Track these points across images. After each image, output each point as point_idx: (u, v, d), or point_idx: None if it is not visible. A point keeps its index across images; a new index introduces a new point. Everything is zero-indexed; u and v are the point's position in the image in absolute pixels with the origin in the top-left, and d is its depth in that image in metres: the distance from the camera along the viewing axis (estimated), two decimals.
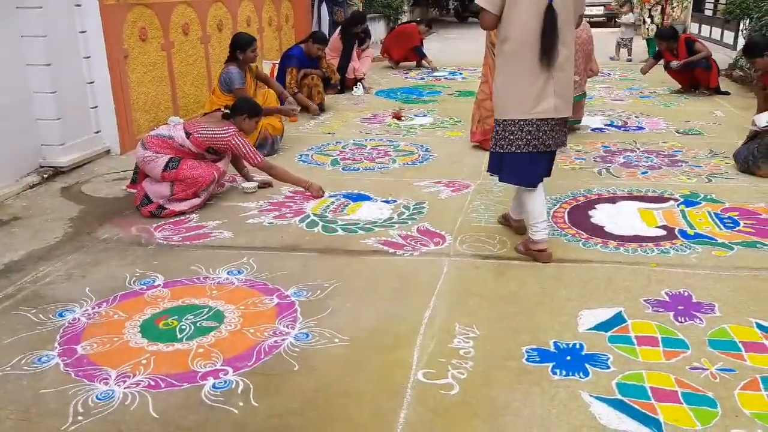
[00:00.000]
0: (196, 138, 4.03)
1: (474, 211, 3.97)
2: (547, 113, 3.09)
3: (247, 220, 3.90)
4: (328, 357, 2.48)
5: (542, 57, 2.99)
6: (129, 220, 3.95)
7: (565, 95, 3.11)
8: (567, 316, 2.74)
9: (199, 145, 4.02)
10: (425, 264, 3.26)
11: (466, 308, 2.82)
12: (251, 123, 4.25)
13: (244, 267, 3.26)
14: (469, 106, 6.52)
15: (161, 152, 3.97)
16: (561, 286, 3.01)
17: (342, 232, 3.68)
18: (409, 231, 3.67)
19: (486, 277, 3.11)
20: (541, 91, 3.07)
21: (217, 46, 6.82)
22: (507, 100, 3.11)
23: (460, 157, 5.14)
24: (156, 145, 4.01)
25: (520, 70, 3.05)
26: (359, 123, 6.50)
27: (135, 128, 5.47)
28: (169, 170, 3.93)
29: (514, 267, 3.22)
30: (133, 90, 5.48)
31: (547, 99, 3.08)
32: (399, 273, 3.17)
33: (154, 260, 3.37)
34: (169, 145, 4.00)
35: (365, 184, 4.54)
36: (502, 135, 3.16)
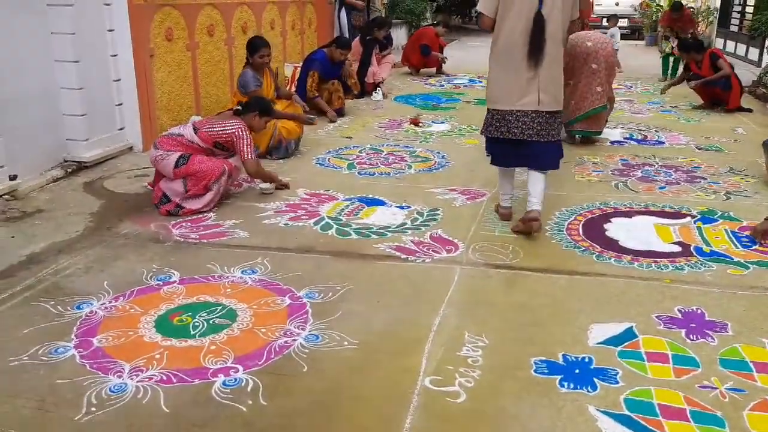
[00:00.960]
0: (203, 133, 4.08)
1: (488, 219, 3.97)
2: (529, 106, 3.56)
3: (263, 221, 3.93)
4: (337, 360, 2.49)
5: (530, 58, 3.43)
6: (148, 216, 3.99)
7: (551, 91, 3.53)
8: (577, 328, 2.73)
9: (206, 139, 4.07)
10: (437, 271, 3.27)
11: (476, 317, 2.82)
12: (261, 121, 4.29)
13: (258, 267, 3.29)
14: None
15: (172, 150, 4.02)
16: (573, 298, 3.00)
17: (355, 236, 3.70)
18: (422, 237, 3.68)
19: (497, 287, 3.11)
20: (527, 86, 3.52)
21: (240, 47, 6.88)
22: (496, 92, 3.61)
23: (476, 165, 5.14)
24: (167, 143, 4.06)
25: (509, 67, 3.50)
26: (377, 128, 6.52)
27: (158, 126, 5.53)
28: (179, 166, 3.98)
29: (526, 277, 3.21)
30: (158, 89, 5.54)
31: (531, 94, 3.54)
32: (410, 279, 3.18)
33: (171, 257, 3.41)
34: (179, 142, 4.05)
35: (380, 188, 4.56)
36: (489, 121, 3.67)
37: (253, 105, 4.30)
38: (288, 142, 5.35)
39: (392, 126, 6.62)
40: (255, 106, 4.29)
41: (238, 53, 6.82)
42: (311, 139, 5.96)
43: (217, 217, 3.99)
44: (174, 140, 4.05)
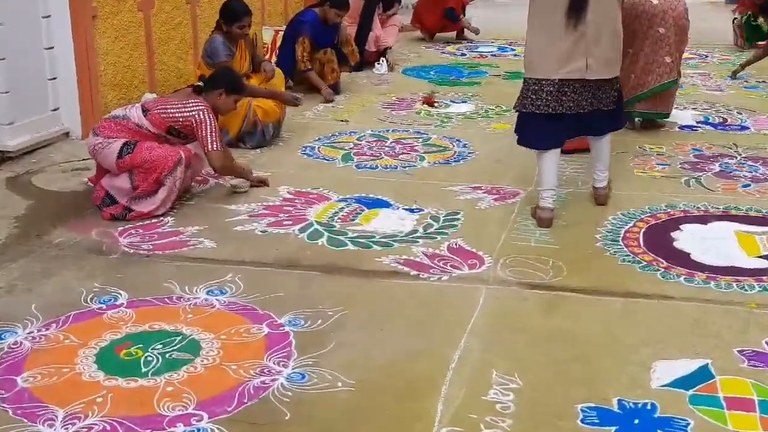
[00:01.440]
0: (155, 115, 4.09)
1: (522, 226, 3.97)
2: (574, 73, 3.73)
3: (234, 227, 3.94)
4: (328, 404, 2.49)
5: (569, 15, 3.59)
6: (89, 221, 4.01)
7: (602, 54, 3.69)
8: (637, 366, 2.72)
9: (158, 123, 4.09)
10: (457, 292, 3.27)
11: (506, 350, 2.82)
12: (228, 101, 4.31)
13: (228, 286, 3.29)
14: None
15: (114, 136, 4.04)
16: (631, 327, 2.99)
17: (352, 247, 3.70)
18: (437, 249, 3.68)
19: (534, 311, 3.11)
20: (572, 50, 3.70)
21: (207, 7, 6.90)
22: (534, 57, 3.79)
23: (507, 156, 5.13)
24: (108, 129, 4.08)
25: (549, 28, 3.67)
26: (380, 108, 6.51)
27: (101, 106, 5.55)
28: (123, 156, 4.00)
29: (570, 300, 3.21)
30: (102, 59, 5.57)
31: (577, 59, 3.72)
32: (423, 301, 3.18)
33: (117, 273, 3.42)
34: (124, 126, 4.07)
35: (384, 186, 4.55)
36: (525, 93, 3.86)
37: (219, 80, 4.32)
38: (265, 125, 5.37)
39: (400, 106, 6.62)
40: (221, 81, 4.31)
41: (203, 13, 6.84)
42: (296, 123, 5.97)
43: (176, 221, 4.00)
44: (118, 124, 4.07)
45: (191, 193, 4.40)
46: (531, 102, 3.86)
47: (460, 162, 5.07)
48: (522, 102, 3.91)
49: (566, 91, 3.79)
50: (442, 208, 4.20)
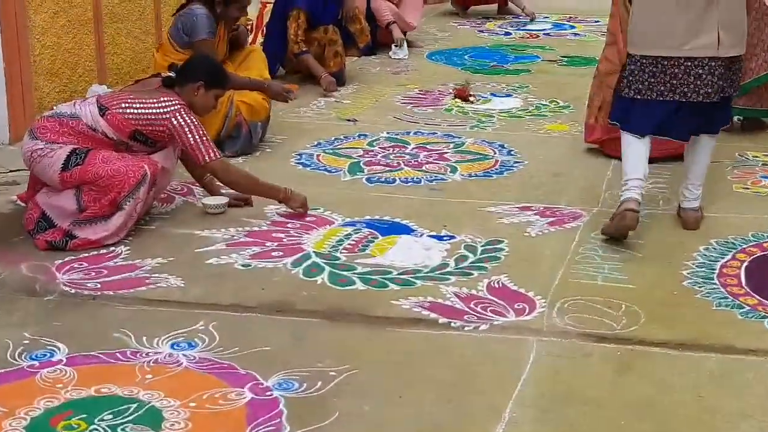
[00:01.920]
0: (115, 115, 4.09)
1: (586, 259, 3.96)
2: (705, 50, 3.91)
3: (207, 260, 3.94)
4: None
5: None
6: (18, 251, 4.01)
7: (735, 26, 3.84)
8: None
9: (120, 126, 4.10)
10: (499, 345, 3.25)
11: (567, 423, 2.80)
12: (207, 97, 4.32)
13: (199, 337, 3.29)
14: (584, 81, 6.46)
15: (60, 141, 4.05)
16: (729, 393, 2.97)
17: (362, 285, 3.69)
18: (473, 288, 3.67)
19: (603, 372, 3.09)
20: (700, 20, 3.86)
21: None
22: (648, 29, 3.97)
23: (566, 167, 5.13)
24: (52, 130, 4.08)
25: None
26: (398, 104, 6.52)
27: (35, 101, 5.59)
28: (70, 168, 4.00)
29: (649, 357, 3.19)
30: (36, 40, 5.61)
31: (707, 32, 3.88)
32: (454, 359, 3.16)
33: (54, 320, 3.42)
34: (72, 129, 4.08)
35: (403, 206, 4.55)
36: (637, 75, 4.05)
37: (196, 70, 4.34)
38: (252, 125, 5.39)
39: (424, 101, 6.64)
40: (199, 71, 4.32)
41: None
42: (288, 123, 5.99)
43: (132, 252, 4.01)
44: (64, 125, 4.09)
45: (151, 214, 4.41)
46: (649, 86, 4.03)
47: (503, 174, 5.07)
48: (630, 85, 4.08)
49: (698, 72, 3.96)
50: (480, 235, 4.18)
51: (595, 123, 5.26)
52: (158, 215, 4.43)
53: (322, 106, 6.50)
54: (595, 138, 5.30)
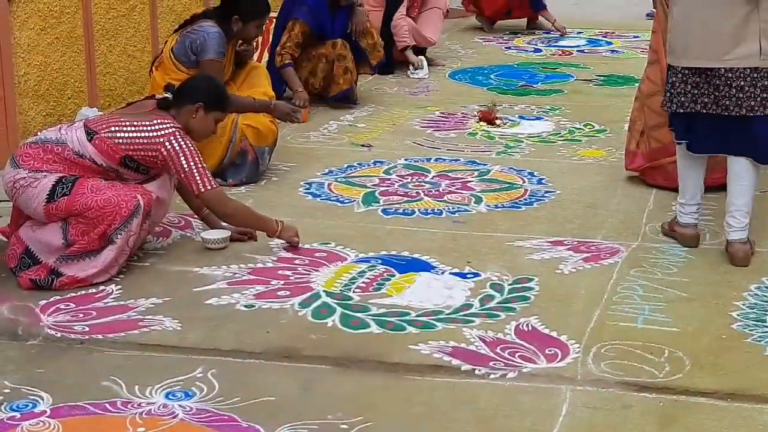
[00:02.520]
0: (104, 140, 4.11)
1: (624, 299, 3.95)
2: (747, 60, 4.00)
3: (206, 300, 3.94)
4: None
5: None
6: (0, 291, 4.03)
7: None
8: None
9: (109, 152, 4.11)
10: (528, 395, 3.24)
11: None
12: (207, 121, 4.33)
13: (196, 386, 3.29)
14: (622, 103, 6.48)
15: (45, 169, 4.07)
16: None
17: (377, 329, 3.69)
18: (500, 332, 3.66)
19: (644, 425, 3.07)
20: (739, 29, 3.97)
21: None
22: (686, 39, 4.09)
23: (603, 197, 5.13)
24: (35, 158, 4.10)
25: None
26: (417, 128, 6.55)
27: (20, 125, 5.63)
28: (56, 198, 4.01)
29: (695, 408, 3.17)
30: (21, 59, 5.67)
31: (748, 41, 3.98)
32: (479, 410, 3.15)
33: (37, 366, 3.42)
34: (58, 156, 4.10)
35: (423, 240, 4.56)
36: (678, 87, 4.17)
37: (194, 91, 4.35)
38: (259, 152, 5.41)
39: (446, 125, 6.66)
40: (198, 92, 4.34)
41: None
42: (296, 149, 6.02)
43: (124, 292, 4.02)
44: (49, 152, 4.12)
45: (145, 249, 4.43)
46: (692, 98, 4.15)
47: (533, 205, 5.07)
48: (672, 99, 4.21)
49: (740, 84, 4.06)
50: (508, 273, 4.18)
51: (637, 149, 5.26)
52: (153, 251, 4.44)
53: (334, 130, 6.52)
54: (637, 166, 5.29)
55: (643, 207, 4.97)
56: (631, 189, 5.28)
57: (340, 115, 6.82)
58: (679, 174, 4.47)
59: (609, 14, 11.08)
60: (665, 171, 5.11)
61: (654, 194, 5.09)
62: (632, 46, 9.34)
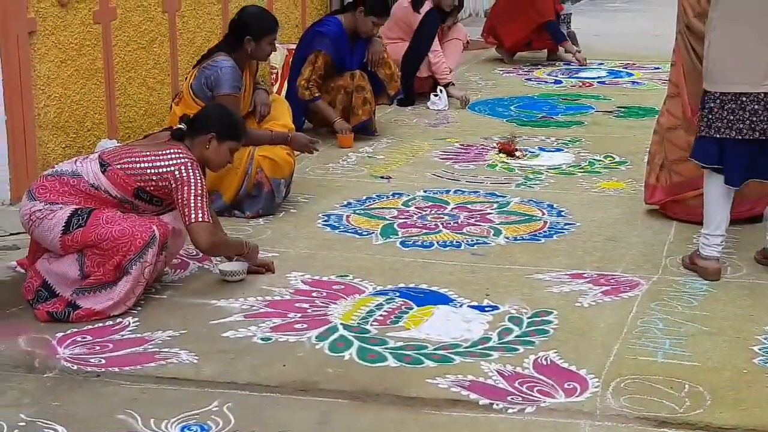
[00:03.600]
0: (117, 171, 4.13)
1: (645, 333, 3.93)
2: None
3: (223, 333, 3.95)
4: None
5: None
6: (16, 322, 4.04)
7: None
8: None
9: (122, 183, 4.13)
10: (547, 430, 3.23)
11: None
12: (221, 151, 4.33)
13: (212, 419, 3.28)
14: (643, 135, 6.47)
15: (60, 201, 4.09)
16: None
17: (394, 362, 3.68)
18: (519, 366, 3.65)
19: None
20: None
21: (191, 17, 7.08)
22: (726, 65, 4.19)
23: (623, 230, 5.13)
24: (52, 190, 4.12)
25: (749, 23, 4.12)
26: (437, 160, 6.56)
27: (39, 158, 5.66)
28: (72, 230, 4.03)
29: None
30: (41, 91, 5.70)
31: None
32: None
33: (53, 399, 3.42)
34: (74, 188, 4.12)
35: (441, 273, 4.56)
36: (717, 113, 4.26)
37: (208, 119, 4.36)
38: (275, 183, 5.43)
39: (465, 156, 6.66)
40: (211, 121, 4.35)
41: (185, 26, 7.01)
42: (314, 181, 6.03)
43: (140, 324, 4.02)
44: (65, 184, 4.14)
45: (163, 282, 4.44)
46: (728, 124, 4.24)
47: (552, 237, 5.07)
48: (712, 123, 4.28)
49: None
50: (527, 306, 4.17)
51: (657, 183, 5.25)
52: (170, 283, 4.45)
53: (353, 161, 6.53)
54: (657, 199, 5.28)
55: (664, 240, 4.96)
56: (651, 221, 5.27)
57: (359, 147, 6.84)
58: (705, 204, 4.46)
59: (630, 45, 11.10)
60: (687, 205, 5.11)
61: (674, 227, 5.08)
62: (653, 78, 9.35)
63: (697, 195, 4.92)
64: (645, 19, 13.75)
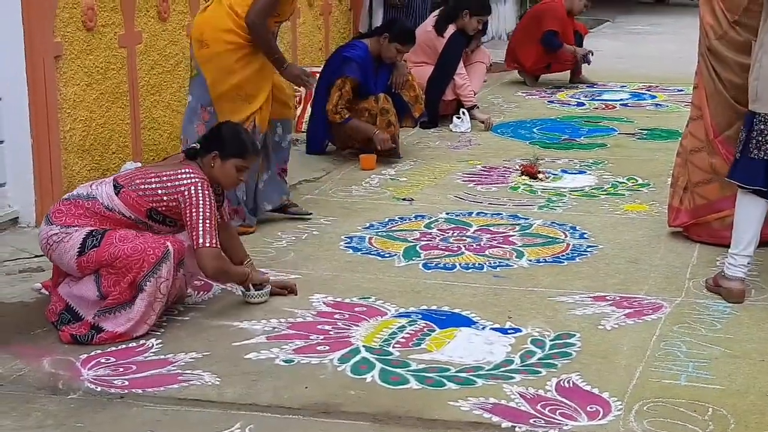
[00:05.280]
0: (129, 193, 4.15)
1: (668, 356, 3.91)
2: None
3: (245, 354, 3.95)
4: None
5: None
6: (40, 344, 4.05)
7: None
8: None
9: (135, 205, 4.15)
10: None
11: None
12: (227, 168, 4.30)
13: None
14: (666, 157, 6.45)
15: (76, 224, 4.11)
16: None
17: (416, 384, 3.67)
18: (541, 388, 3.63)
19: None
20: None
21: None
22: None
23: (646, 252, 5.11)
24: (66, 213, 4.14)
25: None
26: (459, 182, 6.57)
27: (65, 181, 5.69)
28: (87, 251, 4.04)
29: None
30: (67, 114, 5.75)
31: None
32: None
33: (76, 421, 3.42)
34: (89, 210, 4.14)
35: (464, 295, 4.56)
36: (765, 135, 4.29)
37: (213, 138, 4.34)
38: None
39: (488, 178, 6.67)
40: (215, 140, 4.32)
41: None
42: (338, 202, 6.06)
43: (163, 346, 4.03)
44: (80, 207, 4.15)
45: (186, 304, 4.45)
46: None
47: (575, 260, 5.06)
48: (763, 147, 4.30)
49: None
50: (549, 328, 4.16)
51: (680, 206, 5.24)
52: (193, 305, 4.46)
53: (375, 183, 6.54)
54: (681, 222, 5.27)
55: (687, 262, 4.94)
56: (674, 244, 5.25)
57: (382, 169, 6.85)
58: (735, 222, 4.45)
59: (653, 67, 11.10)
60: (710, 228, 5.11)
61: (698, 249, 5.06)
62: (676, 100, 9.37)
63: (720, 218, 4.92)
64: (668, 41, 13.76)
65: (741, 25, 4.74)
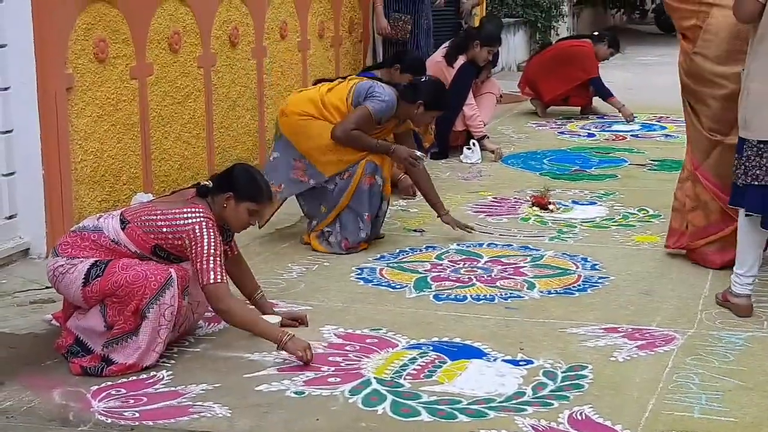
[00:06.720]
0: (135, 229, 4.16)
1: (681, 388, 3.90)
2: None
3: (256, 386, 3.95)
4: None
5: None
6: (51, 376, 4.05)
7: None
8: None
9: (140, 240, 4.16)
10: None
11: None
12: (239, 211, 4.28)
13: None
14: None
15: (81, 256, 4.12)
16: None
17: (427, 417, 3.66)
18: (553, 421, 3.62)
19: None
20: None
21: (226, 72, 7.14)
22: (764, 114, 4.32)
23: (658, 283, 5.11)
24: (72, 245, 4.15)
25: None
26: (470, 213, 6.58)
27: (75, 212, 5.70)
28: (91, 281, 4.05)
29: None
30: (78, 146, 5.77)
31: None
32: None
33: None
34: (95, 242, 4.15)
35: (475, 326, 4.55)
36: (755, 161, 4.41)
37: (228, 179, 4.31)
38: None
39: (499, 210, 6.68)
40: (230, 181, 4.29)
41: (221, 80, 7.08)
42: None
43: (174, 377, 4.03)
44: (86, 239, 4.17)
45: (196, 335, 4.46)
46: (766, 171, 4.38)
47: (587, 291, 5.05)
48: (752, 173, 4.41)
49: None
50: (561, 360, 4.15)
51: (680, 226, 5.41)
52: (204, 336, 4.47)
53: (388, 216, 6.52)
54: (680, 244, 5.43)
55: (699, 293, 4.93)
56: (686, 275, 5.25)
57: (393, 200, 6.83)
58: (739, 244, 4.60)
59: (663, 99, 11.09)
60: (701, 252, 5.29)
61: (710, 281, 5.06)
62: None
63: (708, 242, 5.18)
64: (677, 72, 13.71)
65: (700, 55, 5.00)
